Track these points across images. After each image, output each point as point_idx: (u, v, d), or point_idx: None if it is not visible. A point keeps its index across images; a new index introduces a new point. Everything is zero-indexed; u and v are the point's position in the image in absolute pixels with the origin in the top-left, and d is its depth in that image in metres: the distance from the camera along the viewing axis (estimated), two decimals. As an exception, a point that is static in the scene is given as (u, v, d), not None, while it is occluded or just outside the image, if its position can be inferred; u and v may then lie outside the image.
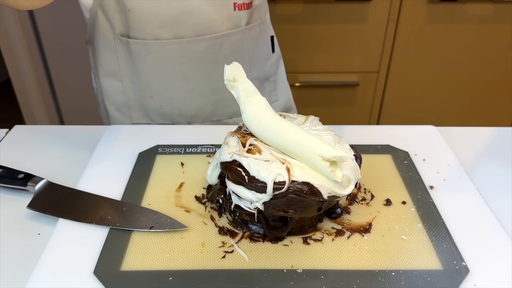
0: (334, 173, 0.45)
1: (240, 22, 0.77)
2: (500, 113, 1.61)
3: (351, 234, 0.50)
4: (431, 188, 0.57)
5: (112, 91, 0.83)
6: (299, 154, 0.47)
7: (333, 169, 0.45)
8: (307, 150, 0.46)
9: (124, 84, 0.81)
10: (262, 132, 0.49)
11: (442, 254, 0.47)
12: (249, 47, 0.81)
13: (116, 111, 0.85)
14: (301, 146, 0.46)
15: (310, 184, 0.45)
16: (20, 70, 1.62)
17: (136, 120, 0.85)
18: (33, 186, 0.55)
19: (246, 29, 0.78)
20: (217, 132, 0.70)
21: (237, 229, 0.50)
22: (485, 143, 0.69)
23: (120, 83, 0.81)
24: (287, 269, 0.45)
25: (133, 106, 0.83)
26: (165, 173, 0.60)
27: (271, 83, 0.90)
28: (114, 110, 0.85)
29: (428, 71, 1.51)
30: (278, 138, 0.48)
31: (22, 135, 0.71)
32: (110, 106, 0.84)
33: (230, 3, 0.75)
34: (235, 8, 0.75)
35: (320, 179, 0.46)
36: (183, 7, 0.72)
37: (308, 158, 0.46)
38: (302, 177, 0.45)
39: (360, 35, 1.42)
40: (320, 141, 0.46)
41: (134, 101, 0.83)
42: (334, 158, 0.45)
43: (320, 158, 0.45)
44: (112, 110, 0.85)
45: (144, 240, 0.49)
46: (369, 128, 0.72)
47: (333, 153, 0.45)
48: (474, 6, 1.37)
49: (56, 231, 0.50)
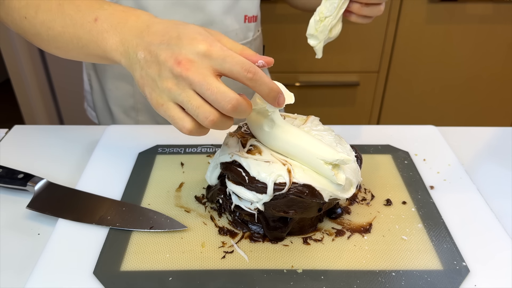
0: (337, 176, 0.45)
1: (248, 34, 0.81)
2: (500, 113, 1.61)
3: (351, 234, 0.50)
4: (432, 188, 0.57)
5: (121, 93, 0.83)
6: (301, 158, 0.47)
7: (335, 172, 0.45)
8: (308, 154, 0.46)
9: (135, 88, 0.82)
10: (263, 136, 0.49)
11: (442, 254, 0.47)
12: None
13: (123, 113, 0.85)
14: (303, 150, 0.46)
15: (311, 186, 0.45)
16: (20, 70, 1.62)
17: (143, 123, 0.86)
18: (32, 186, 0.55)
19: (252, 40, 0.82)
20: (217, 132, 0.70)
21: (237, 229, 0.50)
22: (485, 143, 0.69)
23: (131, 86, 0.82)
24: (287, 269, 0.45)
25: (141, 109, 0.84)
26: (165, 173, 0.60)
27: None
28: (120, 113, 0.85)
29: (428, 71, 1.51)
30: (279, 142, 0.47)
31: (22, 135, 0.71)
32: (116, 108, 0.85)
33: (242, 16, 0.78)
34: (245, 21, 0.79)
35: (322, 182, 0.46)
36: (206, 18, 0.74)
37: (310, 162, 0.46)
38: (303, 179, 0.45)
39: (360, 35, 1.41)
40: (322, 144, 0.46)
41: (143, 104, 0.84)
42: (336, 161, 0.45)
43: (322, 162, 0.45)
44: (117, 112, 0.85)
45: (144, 240, 0.48)
46: (369, 128, 0.72)
47: (335, 156, 0.45)
48: (474, 6, 1.37)
49: (56, 231, 0.50)
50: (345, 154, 0.45)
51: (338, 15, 0.58)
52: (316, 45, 0.60)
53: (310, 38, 0.59)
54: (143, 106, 0.84)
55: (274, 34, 1.41)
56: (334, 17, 0.57)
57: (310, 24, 0.59)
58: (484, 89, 1.55)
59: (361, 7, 0.59)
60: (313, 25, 0.58)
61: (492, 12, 1.38)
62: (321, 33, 0.58)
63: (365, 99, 1.57)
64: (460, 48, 1.46)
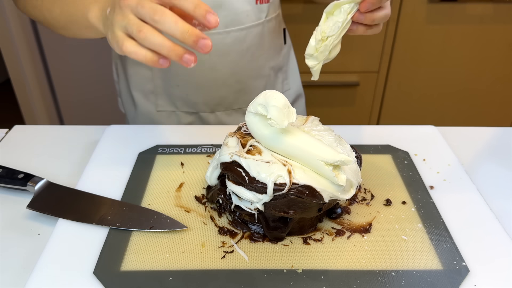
0: (337, 177, 0.45)
1: (261, 15, 0.82)
2: (500, 113, 1.61)
3: (351, 234, 0.50)
4: (431, 188, 0.57)
5: (140, 78, 0.87)
6: (301, 159, 0.47)
7: (336, 174, 0.45)
8: (309, 155, 0.46)
9: (153, 72, 0.85)
10: (263, 139, 0.48)
11: (442, 254, 0.47)
12: (267, 39, 0.86)
13: (143, 98, 0.88)
14: (303, 151, 0.46)
15: (312, 187, 0.45)
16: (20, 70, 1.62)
17: (162, 108, 0.88)
18: (33, 186, 0.55)
19: (265, 21, 0.84)
20: (217, 132, 0.70)
21: (237, 229, 0.50)
22: (485, 143, 0.69)
23: (149, 71, 0.85)
24: (287, 269, 0.45)
25: (160, 93, 0.87)
26: (165, 173, 0.60)
27: (283, 73, 0.95)
28: (140, 97, 0.89)
29: (428, 71, 1.51)
30: (279, 144, 0.47)
31: (22, 135, 0.71)
32: (137, 93, 0.88)
33: None
34: (257, 2, 0.81)
35: (322, 182, 0.46)
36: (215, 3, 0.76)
37: (311, 163, 0.46)
38: (304, 180, 0.45)
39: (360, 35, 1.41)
40: (322, 145, 0.46)
41: (161, 89, 0.86)
42: (336, 162, 0.45)
43: (323, 163, 0.45)
44: (138, 97, 0.89)
45: (144, 240, 0.48)
46: (369, 128, 0.72)
47: (335, 158, 0.45)
48: (474, 6, 1.37)
49: (56, 231, 0.50)
50: (345, 155, 0.45)
51: (341, 35, 0.55)
52: (315, 66, 0.56)
53: (308, 59, 0.56)
54: (162, 90, 0.86)
55: (274, 34, 1.41)
56: (336, 36, 0.54)
57: (310, 44, 0.55)
58: (484, 89, 1.55)
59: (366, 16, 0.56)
60: (314, 45, 0.55)
61: (492, 12, 1.38)
62: (321, 54, 0.55)
63: (365, 99, 1.57)
64: (460, 48, 1.46)
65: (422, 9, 1.38)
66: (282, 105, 0.45)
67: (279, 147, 0.47)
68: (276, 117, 0.45)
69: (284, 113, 0.45)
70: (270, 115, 0.45)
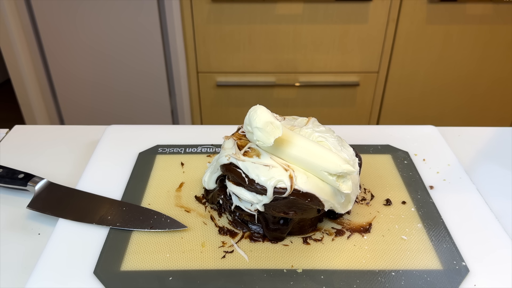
0: (341, 186, 0.45)
1: None
2: (500, 113, 1.61)
3: (351, 234, 0.50)
4: (431, 188, 0.57)
5: None
6: (304, 168, 0.46)
7: (340, 183, 0.45)
8: (312, 166, 0.45)
9: None
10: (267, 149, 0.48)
11: (442, 254, 0.47)
12: None
13: None
14: (306, 163, 0.46)
15: (314, 196, 0.45)
16: (20, 70, 1.62)
17: None
18: (33, 186, 0.55)
19: None
20: (217, 132, 0.70)
21: (237, 229, 0.50)
22: (485, 143, 0.69)
23: None
24: (287, 269, 0.45)
25: None
26: (165, 173, 0.60)
27: None
28: None
29: (428, 71, 1.51)
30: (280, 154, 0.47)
31: (22, 135, 0.71)
32: None
33: None
34: None
35: (326, 192, 0.45)
36: None
37: (314, 172, 0.46)
38: (306, 187, 0.45)
39: (360, 35, 1.42)
40: (325, 152, 0.46)
41: None
42: (339, 173, 0.44)
43: (326, 173, 0.45)
44: None
45: (144, 240, 0.49)
46: (369, 128, 0.72)
47: (338, 169, 0.44)
48: (474, 6, 1.37)
49: (56, 231, 0.50)
50: (349, 166, 0.45)
51: None
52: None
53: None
54: None
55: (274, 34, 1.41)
56: None
57: None
58: (484, 89, 1.55)
59: None
60: None
61: (492, 12, 1.38)
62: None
63: (365, 99, 1.57)
64: (460, 48, 1.46)
65: (422, 9, 1.38)
66: (264, 124, 0.45)
67: (282, 157, 0.47)
68: (261, 138, 0.45)
69: (268, 131, 0.45)
70: (255, 137, 0.46)
